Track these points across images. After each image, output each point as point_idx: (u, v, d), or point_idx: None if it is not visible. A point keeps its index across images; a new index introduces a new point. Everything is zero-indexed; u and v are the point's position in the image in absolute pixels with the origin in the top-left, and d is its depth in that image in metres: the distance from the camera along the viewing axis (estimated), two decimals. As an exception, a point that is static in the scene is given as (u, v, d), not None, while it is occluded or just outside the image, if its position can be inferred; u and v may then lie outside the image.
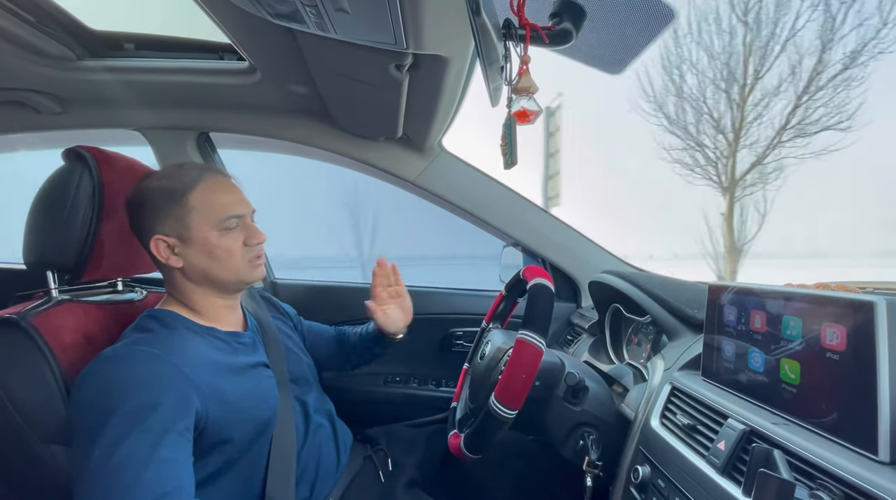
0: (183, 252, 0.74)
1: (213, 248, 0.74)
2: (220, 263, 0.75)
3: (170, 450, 0.60)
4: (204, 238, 0.74)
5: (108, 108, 1.26)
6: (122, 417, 0.59)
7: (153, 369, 0.64)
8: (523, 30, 0.58)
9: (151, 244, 0.74)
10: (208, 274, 0.76)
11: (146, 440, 0.58)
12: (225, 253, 0.75)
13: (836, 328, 0.49)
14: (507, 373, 0.72)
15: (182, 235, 0.74)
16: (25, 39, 0.96)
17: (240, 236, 0.77)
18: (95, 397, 0.61)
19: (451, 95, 0.99)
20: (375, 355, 1.10)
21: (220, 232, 0.75)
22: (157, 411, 0.60)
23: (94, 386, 0.62)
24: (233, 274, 0.77)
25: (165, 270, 0.77)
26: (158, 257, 0.75)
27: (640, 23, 0.64)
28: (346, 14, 0.64)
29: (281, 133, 1.34)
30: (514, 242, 1.44)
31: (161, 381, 0.63)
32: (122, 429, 0.58)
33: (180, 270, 0.75)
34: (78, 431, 0.60)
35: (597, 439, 0.80)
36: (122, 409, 0.59)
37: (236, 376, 0.74)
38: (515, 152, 0.62)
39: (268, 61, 1.02)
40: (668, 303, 0.88)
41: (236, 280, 0.78)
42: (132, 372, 0.63)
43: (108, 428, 0.58)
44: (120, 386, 0.61)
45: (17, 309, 0.73)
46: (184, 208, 0.73)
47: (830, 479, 0.44)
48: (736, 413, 0.58)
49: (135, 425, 0.58)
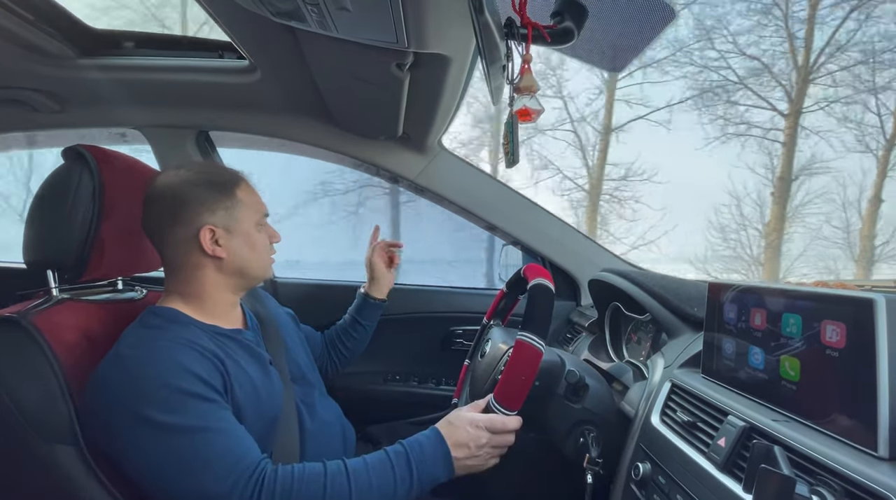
0: (227, 243, 0.77)
1: (254, 241, 0.79)
2: (258, 256, 0.80)
3: (224, 421, 0.64)
4: (247, 231, 0.78)
5: (107, 106, 1.26)
6: (167, 401, 0.61)
7: (181, 353, 0.66)
8: (525, 28, 0.58)
9: (200, 234, 0.74)
10: (245, 266, 0.79)
11: (199, 415, 0.61)
12: (262, 247, 0.81)
13: (836, 326, 0.50)
14: (506, 374, 0.73)
15: (230, 226, 0.77)
16: (24, 38, 0.96)
17: (266, 234, 0.82)
18: (133, 388, 0.63)
19: (451, 93, 0.99)
20: (361, 330, 1.14)
21: (258, 228, 0.80)
22: (196, 387, 0.63)
23: (126, 378, 0.63)
24: (262, 268, 0.82)
25: (193, 263, 0.76)
26: (205, 247, 0.75)
27: (640, 21, 0.64)
28: (348, 12, 0.64)
29: (281, 132, 1.34)
30: (513, 241, 1.44)
31: (193, 362, 0.65)
32: (172, 411, 0.61)
33: (217, 261, 0.77)
34: (125, 424, 0.62)
35: (597, 436, 0.80)
36: (163, 393, 0.62)
37: (242, 372, 0.74)
38: (517, 151, 0.62)
39: (268, 60, 1.02)
40: (667, 301, 0.88)
41: (263, 274, 0.83)
42: (162, 358, 0.65)
43: (159, 412, 0.60)
44: (155, 372, 0.63)
45: (17, 308, 0.73)
46: (233, 201, 0.77)
47: (830, 475, 0.44)
48: (736, 410, 0.59)
49: (184, 405, 0.61)
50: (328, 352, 1.14)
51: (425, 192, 1.41)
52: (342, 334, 1.15)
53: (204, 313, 0.77)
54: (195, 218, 0.75)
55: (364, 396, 1.42)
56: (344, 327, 1.15)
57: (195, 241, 0.74)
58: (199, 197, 0.75)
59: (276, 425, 0.76)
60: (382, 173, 1.47)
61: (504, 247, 1.47)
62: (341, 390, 1.36)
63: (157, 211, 0.76)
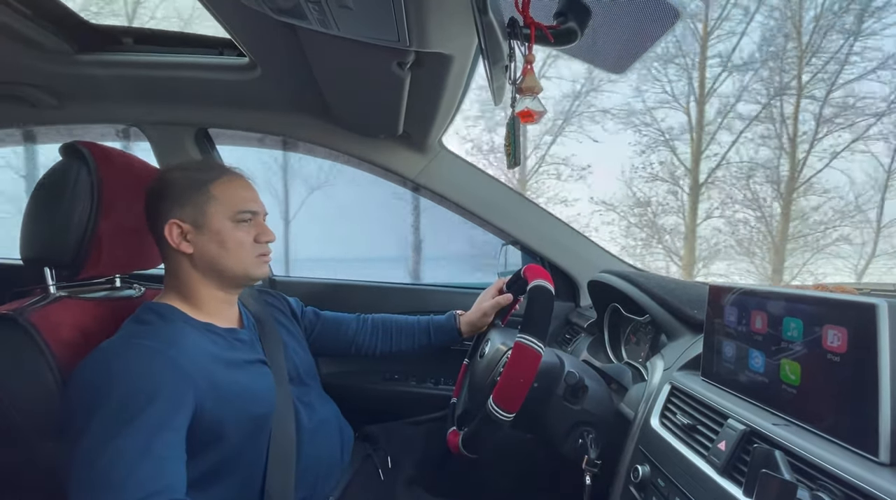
0: (195, 239, 0.76)
1: (226, 238, 0.77)
2: (230, 253, 0.77)
3: (163, 447, 0.59)
4: (218, 227, 0.76)
5: (105, 103, 1.25)
6: (117, 410, 0.58)
7: (150, 363, 0.64)
8: (528, 29, 0.58)
9: (166, 228, 0.75)
10: (216, 263, 0.77)
11: (140, 436, 0.58)
12: (235, 244, 0.77)
13: (837, 330, 0.50)
14: (505, 376, 0.72)
15: (197, 221, 0.76)
16: (22, 33, 0.95)
17: (251, 232, 0.80)
18: (91, 389, 0.61)
19: (452, 93, 0.99)
20: (420, 340, 1.11)
21: (235, 224, 0.78)
22: (152, 405, 0.60)
23: (90, 378, 0.62)
24: (240, 267, 0.79)
25: (173, 258, 0.78)
26: (170, 242, 0.75)
27: (644, 22, 0.64)
28: (350, 10, 0.63)
29: (280, 130, 1.33)
30: (512, 241, 1.44)
31: (158, 375, 0.63)
32: (115, 423, 0.57)
33: (189, 257, 0.76)
34: (70, 424, 0.60)
35: (596, 438, 0.80)
36: (116, 402, 0.59)
37: (232, 370, 0.73)
38: (519, 152, 0.61)
39: (268, 57, 1.01)
40: (668, 303, 0.88)
41: (243, 273, 0.79)
42: (129, 366, 0.63)
43: (101, 421, 0.57)
44: (116, 379, 0.61)
45: (14, 306, 0.73)
46: (204, 197, 0.76)
47: (831, 480, 0.44)
48: (736, 414, 0.59)
49: (129, 419, 0.58)
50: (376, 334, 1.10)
51: (425, 191, 1.41)
52: (404, 329, 1.11)
53: (198, 311, 0.77)
54: (166, 213, 0.75)
55: (362, 395, 1.41)
56: (410, 326, 1.12)
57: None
58: (172, 192, 0.76)
59: (268, 423, 0.76)
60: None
61: (503, 247, 1.47)
62: (339, 389, 1.36)
63: (146, 205, 0.78)
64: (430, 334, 1.11)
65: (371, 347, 1.10)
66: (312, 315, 1.08)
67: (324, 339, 1.06)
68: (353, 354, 1.10)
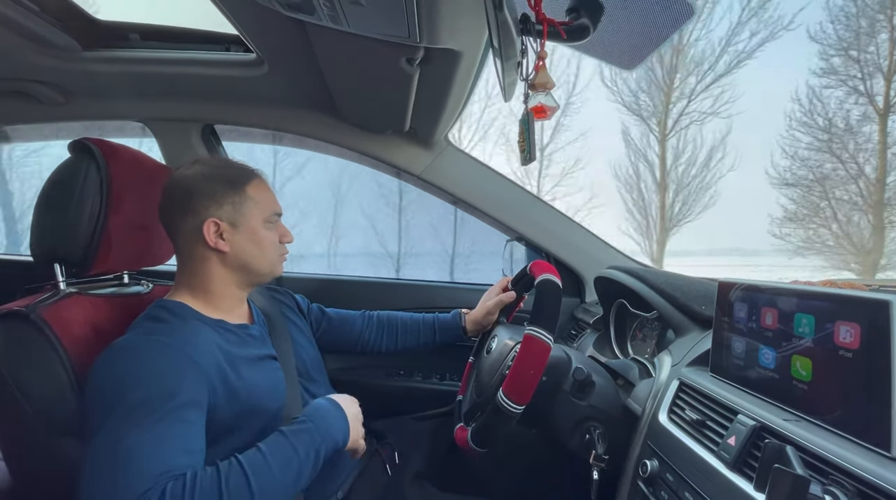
0: (231, 238, 0.77)
1: (261, 238, 0.80)
2: (263, 252, 0.80)
3: (182, 439, 0.60)
4: (253, 227, 0.79)
5: (112, 99, 1.25)
6: (137, 406, 0.59)
7: (169, 360, 0.64)
8: (540, 25, 0.58)
9: (204, 226, 0.75)
10: (249, 262, 0.79)
11: (160, 429, 0.59)
12: (268, 244, 0.81)
13: (850, 327, 0.50)
14: (515, 368, 0.73)
15: (235, 221, 0.77)
16: (30, 29, 0.95)
17: (276, 233, 0.82)
18: (111, 385, 0.61)
19: (460, 89, 0.99)
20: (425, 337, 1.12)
21: (266, 225, 0.81)
22: (172, 400, 0.61)
23: (110, 375, 0.63)
24: (267, 265, 0.81)
25: (198, 255, 0.77)
26: (208, 239, 0.75)
27: (657, 18, 0.64)
28: (361, 6, 0.63)
29: (287, 126, 1.33)
30: (517, 237, 1.44)
31: (176, 371, 0.64)
32: (136, 418, 0.58)
33: (222, 255, 0.77)
34: (91, 418, 0.60)
35: (603, 433, 0.81)
36: (136, 398, 0.60)
37: (244, 366, 0.74)
38: (533, 148, 0.61)
39: (276, 53, 1.01)
40: (675, 299, 0.88)
41: (269, 271, 0.82)
42: (149, 362, 0.64)
43: (121, 416, 0.58)
44: (136, 375, 0.62)
45: (26, 302, 0.73)
46: (241, 197, 0.78)
47: (843, 475, 0.44)
48: (746, 409, 0.59)
49: (149, 413, 0.59)
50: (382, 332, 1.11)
51: (430, 187, 1.41)
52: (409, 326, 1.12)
53: (211, 308, 0.78)
54: (202, 210, 0.75)
55: (369, 391, 1.42)
56: (415, 324, 1.13)
57: (201, 233, 0.75)
58: (208, 190, 0.76)
59: (279, 417, 0.76)
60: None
61: (508, 243, 1.47)
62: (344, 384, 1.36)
63: (170, 202, 0.77)
64: (435, 332, 1.11)
65: (376, 344, 1.10)
66: (318, 312, 1.08)
67: (329, 336, 1.07)
68: (358, 351, 1.10)
